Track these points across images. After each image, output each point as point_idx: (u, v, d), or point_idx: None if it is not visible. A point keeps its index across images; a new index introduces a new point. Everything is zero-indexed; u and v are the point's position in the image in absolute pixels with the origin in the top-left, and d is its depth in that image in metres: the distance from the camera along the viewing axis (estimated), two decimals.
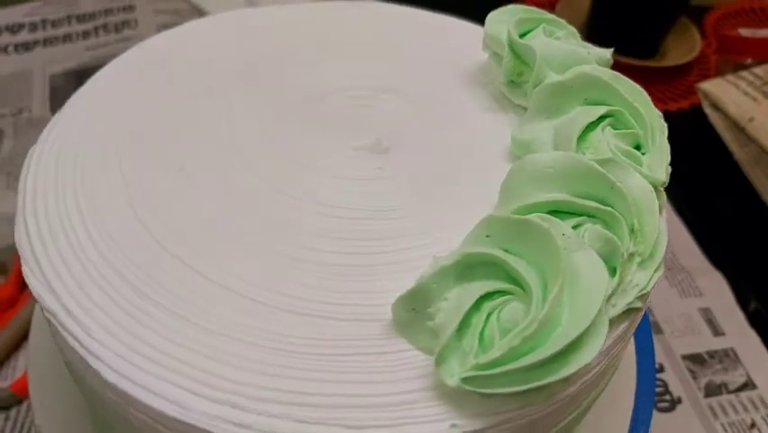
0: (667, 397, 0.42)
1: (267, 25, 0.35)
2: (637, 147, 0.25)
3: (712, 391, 0.42)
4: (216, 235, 0.24)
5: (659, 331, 0.45)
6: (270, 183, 0.26)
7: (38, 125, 0.54)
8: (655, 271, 0.21)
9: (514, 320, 0.19)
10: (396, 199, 0.26)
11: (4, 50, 0.63)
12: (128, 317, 0.21)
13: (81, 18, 0.67)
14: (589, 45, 0.29)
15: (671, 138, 0.25)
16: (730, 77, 0.58)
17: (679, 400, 0.42)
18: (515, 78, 0.29)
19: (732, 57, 0.65)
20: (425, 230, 0.24)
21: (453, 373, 0.19)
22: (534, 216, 0.20)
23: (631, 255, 0.21)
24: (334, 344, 0.21)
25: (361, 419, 0.19)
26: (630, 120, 0.25)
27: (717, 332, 0.45)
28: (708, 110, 0.58)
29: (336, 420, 0.19)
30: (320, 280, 0.22)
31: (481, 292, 0.19)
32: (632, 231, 0.21)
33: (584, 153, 0.24)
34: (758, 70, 0.58)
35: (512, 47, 0.28)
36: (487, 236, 0.20)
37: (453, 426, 0.19)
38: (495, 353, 0.18)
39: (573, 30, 0.30)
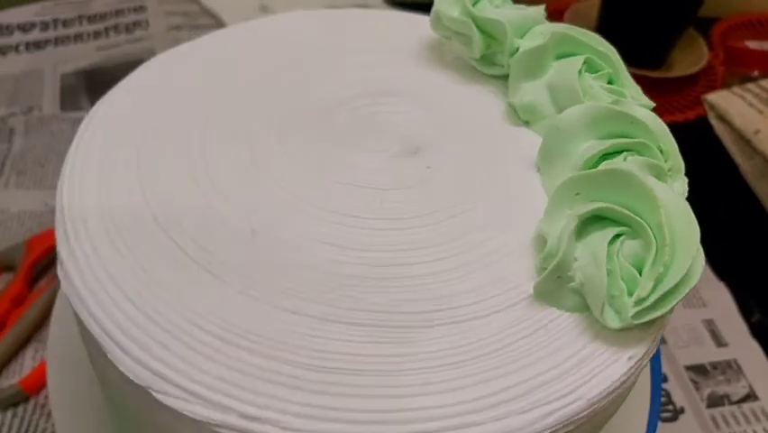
0: (670, 407, 0.42)
1: (274, 35, 0.35)
2: (610, 83, 0.29)
3: (715, 401, 0.42)
4: (273, 257, 0.24)
5: (662, 341, 0.45)
6: (307, 200, 0.26)
7: (48, 124, 0.54)
8: (683, 178, 0.26)
9: (637, 255, 0.22)
10: (447, 198, 0.26)
11: (16, 48, 0.63)
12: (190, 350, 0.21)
13: (92, 18, 0.67)
14: (522, 6, 0.32)
15: (678, 148, 0.27)
16: (736, 88, 0.59)
17: (681, 411, 0.42)
18: (484, 52, 0.31)
19: (739, 69, 0.65)
20: (487, 223, 0.26)
21: (614, 317, 0.21)
22: (611, 165, 0.24)
23: (668, 171, 0.25)
24: (482, 343, 0.22)
25: (561, 388, 0.21)
26: (599, 62, 0.29)
27: (720, 343, 0.46)
28: (713, 121, 0.58)
29: (544, 400, 0.20)
30: (430, 289, 0.23)
31: (607, 241, 0.22)
32: (660, 151, 0.25)
33: (586, 100, 0.27)
34: (765, 83, 0.59)
35: (477, 23, 0.30)
36: (577, 194, 0.23)
37: (631, 357, 0.22)
38: (648, 284, 0.20)
39: None
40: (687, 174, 0.58)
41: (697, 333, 0.46)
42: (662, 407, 0.42)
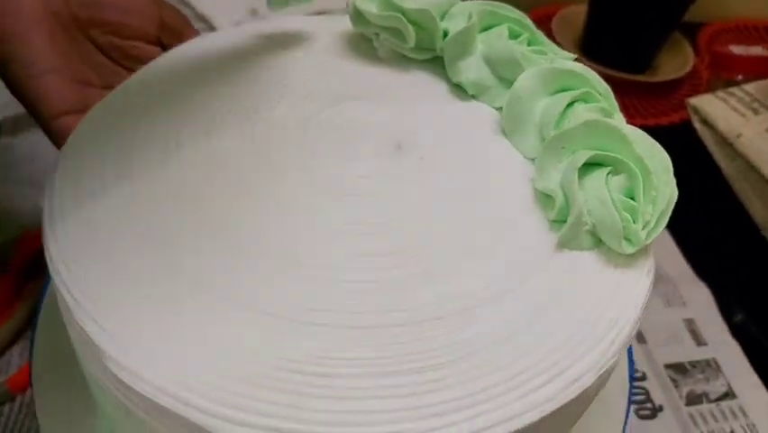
0: (649, 405, 0.43)
1: (249, 45, 0.35)
2: (529, 44, 0.32)
3: (693, 400, 0.43)
4: (274, 264, 0.24)
5: (642, 340, 0.46)
6: (306, 208, 0.26)
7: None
8: (620, 115, 0.29)
9: (625, 187, 0.25)
10: (436, 192, 0.27)
11: None
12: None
13: None
14: None
15: None
16: (720, 93, 0.59)
17: (660, 409, 0.42)
18: (419, 44, 0.32)
19: (723, 73, 0.66)
20: (475, 214, 0.27)
21: (627, 244, 0.24)
22: (585, 116, 0.27)
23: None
24: (497, 326, 0.23)
25: (616, 309, 0.23)
26: (517, 29, 0.32)
27: (699, 342, 0.46)
28: (697, 125, 0.59)
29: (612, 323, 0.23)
30: (434, 278, 0.24)
31: (603, 183, 0.25)
32: (600, 96, 0.29)
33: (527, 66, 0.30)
34: (748, 87, 0.59)
35: (405, 15, 0.31)
36: (563, 148, 0.26)
37: (648, 272, 0.25)
38: (648, 209, 0.24)
39: None
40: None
41: (677, 332, 0.47)
42: (640, 405, 0.43)
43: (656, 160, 0.25)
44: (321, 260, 0.24)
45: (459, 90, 0.32)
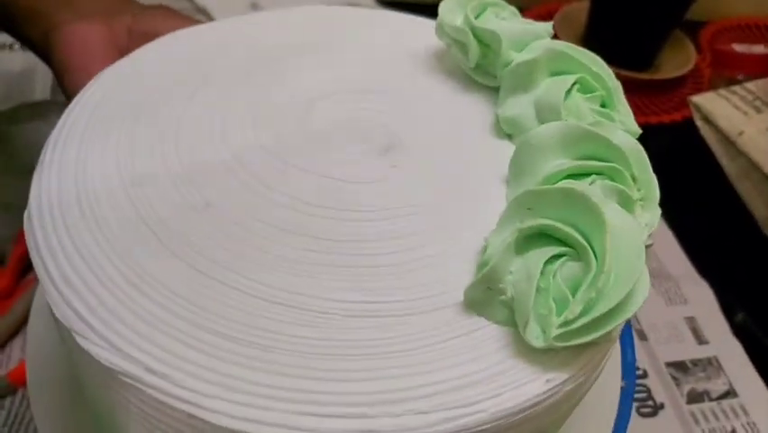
0: (650, 403, 0.43)
1: (260, 31, 0.35)
2: (603, 105, 0.28)
3: (694, 398, 0.43)
4: (250, 251, 0.24)
5: (644, 338, 0.46)
6: (287, 194, 0.26)
7: (39, 112, 0.55)
8: (656, 210, 0.25)
9: (575, 278, 0.21)
10: (416, 196, 0.27)
11: (10, 47, 0.64)
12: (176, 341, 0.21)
13: None
14: (531, 20, 0.32)
15: (664, 150, 0.27)
16: (722, 91, 0.59)
17: (661, 406, 0.42)
18: (480, 61, 0.31)
19: (725, 71, 0.66)
20: (441, 226, 0.26)
21: (538, 336, 0.21)
22: (568, 183, 0.23)
23: (637, 201, 0.24)
24: (407, 339, 0.22)
25: (464, 398, 0.20)
26: (593, 83, 0.28)
27: (701, 340, 0.46)
28: (699, 123, 0.59)
29: (447, 404, 0.20)
30: (366, 282, 0.23)
31: (544, 259, 0.22)
32: (633, 179, 0.24)
33: (567, 120, 0.27)
34: (750, 85, 0.59)
35: (475, 33, 0.30)
36: (529, 209, 0.22)
37: (548, 380, 0.21)
38: (577, 307, 0.20)
39: (514, 9, 0.33)
40: (673, 174, 0.58)
41: (678, 330, 0.47)
42: (641, 402, 0.42)
43: (625, 263, 0.21)
44: (293, 244, 0.24)
45: (499, 126, 0.30)
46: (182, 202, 0.25)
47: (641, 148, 0.25)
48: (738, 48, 0.70)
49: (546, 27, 0.31)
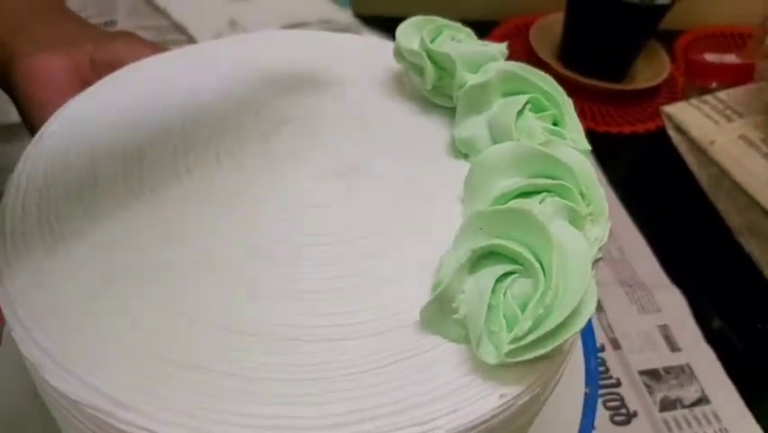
0: (623, 411, 0.43)
1: (229, 57, 0.36)
2: (555, 123, 0.29)
3: (667, 405, 0.43)
4: (207, 276, 0.24)
5: (617, 346, 0.46)
6: (245, 218, 0.27)
7: None
8: (605, 224, 0.25)
9: (525, 294, 0.22)
10: (373, 218, 0.27)
11: None
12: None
13: None
14: (487, 42, 0.32)
15: (637, 159, 0.27)
16: (694, 100, 0.60)
17: (635, 414, 0.43)
18: (436, 83, 0.32)
19: (698, 81, 0.67)
20: (395, 247, 0.26)
21: (491, 352, 0.22)
22: (516, 204, 0.24)
23: (586, 216, 0.25)
24: (363, 360, 0.22)
25: (421, 416, 0.21)
26: (545, 102, 0.29)
27: (674, 348, 0.47)
28: (671, 132, 0.59)
29: (403, 423, 0.21)
30: (321, 305, 0.24)
31: (494, 278, 0.22)
32: (582, 196, 0.25)
33: (519, 139, 0.28)
34: (721, 95, 0.60)
35: (431, 56, 0.31)
36: (480, 229, 0.23)
37: (502, 396, 0.22)
38: (526, 323, 0.21)
39: (470, 31, 0.34)
40: (646, 182, 0.59)
41: (651, 338, 0.47)
42: (615, 411, 0.43)
43: (572, 279, 0.21)
44: (251, 269, 0.25)
45: (455, 147, 0.31)
46: (152, 233, 0.26)
47: (589, 165, 0.26)
48: (710, 57, 0.71)
49: (501, 48, 0.31)
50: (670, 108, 0.59)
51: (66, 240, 0.25)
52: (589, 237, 0.24)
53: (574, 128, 0.29)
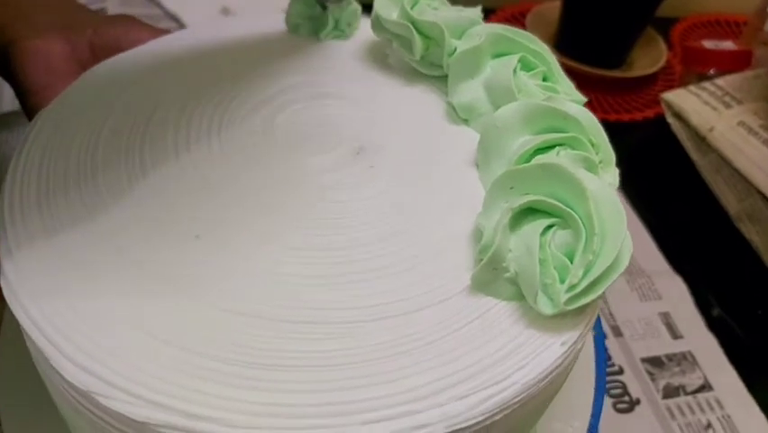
0: (626, 398, 0.43)
1: (220, 39, 0.35)
2: (544, 80, 0.30)
3: (670, 392, 0.43)
4: (243, 266, 0.24)
5: (619, 334, 0.46)
6: (269, 206, 0.26)
7: None
8: (615, 170, 0.26)
9: (568, 244, 0.22)
10: (388, 196, 0.27)
11: None
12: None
13: None
14: (461, 7, 0.33)
15: (637, 147, 0.27)
16: (693, 87, 0.60)
17: (637, 402, 0.43)
18: (424, 53, 0.32)
19: (696, 68, 0.67)
20: (427, 218, 0.26)
21: (547, 304, 0.22)
22: (543, 159, 0.25)
23: (599, 163, 0.26)
24: (427, 331, 0.22)
25: (496, 375, 0.21)
26: (534, 61, 0.30)
27: (675, 335, 0.47)
28: (670, 119, 0.59)
29: (481, 385, 0.21)
30: (373, 285, 0.24)
31: (538, 232, 0.23)
32: (592, 144, 0.26)
33: (520, 98, 0.28)
34: (720, 81, 0.60)
35: (416, 26, 0.31)
36: (511, 188, 0.24)
37: (563, 343, 0.22)
38: (579, 271, 0.21)
39: None
40: (646, 170, 0.59)
41: (653, 325, 0.47)
42: (617, 398, 0.43)
43: (610, 223, 0.22)
44: (264, 254, 0.24)
45: (453, 113, 0.31)
46: (170, 235, 0.25)
47: (592, 115, 0.27)
48: (708, 44, 0.71)
49: (477, 12, 0.32)
50: (669, 95, 0.59)
51: (66, 228, 0.25)
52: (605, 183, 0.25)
53: (564, 82, 0.30)
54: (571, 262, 0.22)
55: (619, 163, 0.27)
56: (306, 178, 0.27)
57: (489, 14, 0.72)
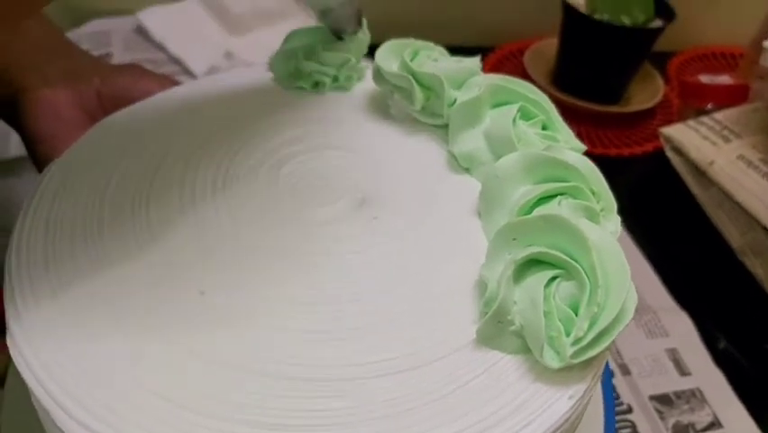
0: None
1: (217, 93, 0.35)
2: (543, 128, 0.30)
3: (680, 430, 0.43)
4: (244, 323, 0.24)
5: (627, 372, 0.46)
6: (266, 259, 0.26)
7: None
8: (616, 218, 0.26)
9: (572, 296, 0.22)
10: (399, 245, 0.27)
11: None
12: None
13: None
14: (460, 58, 0.33)
15: (637, 181, 0.27)
16: (691, 122, 0.60)
17: None
18: (425, 104, 0.32)
19: (693, 102, 0.67)
20: (430, 270, 0.26)
21: (553, 357, 0.22)
22: (544, 210, 0.25)
23: (600, 212, 0.26)
24: (433, 387, 0.22)
25: (507, 430, 0.21)
26: (532, 110, 0.30)
27: (683, 372, 0.46)
28: (670, 154, 0.60)
29: None
30: (377, 339, 0.24)
31: (543, 285, 0.23)
32: (593, 192, 0.26)
33: (520, 148, 0.28)
34: (718, 116, 0.60)
35: (416, 78, 0.32)
36: (513, 239, 0.24)
37: (571, 397, 0.22)
38: (584, 323, 0.21)
39: (442, 49, 0.35)
40: (647, 205, 0.59)
41: (660, 363, 0.47)
42: None
43: (614, 274, 0.22)
44: (268, 310, 0.24)
45: (455, 162, 0.31)
46: (175, 292, 0.25)
47: (591, 163, 0.27)
48: (704, 78, 0.72)
49: (475, 62, 0.33)
50: (668, 130, 0.60)
51: (72, 283, 0.25)
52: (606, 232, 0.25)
53: (563, 130, 0.30)
54: (576, 315, 0.22)
55: (621, 198, 0.27)
56: (309, 231, 0.28)
57: (487, 53, 0.73)
